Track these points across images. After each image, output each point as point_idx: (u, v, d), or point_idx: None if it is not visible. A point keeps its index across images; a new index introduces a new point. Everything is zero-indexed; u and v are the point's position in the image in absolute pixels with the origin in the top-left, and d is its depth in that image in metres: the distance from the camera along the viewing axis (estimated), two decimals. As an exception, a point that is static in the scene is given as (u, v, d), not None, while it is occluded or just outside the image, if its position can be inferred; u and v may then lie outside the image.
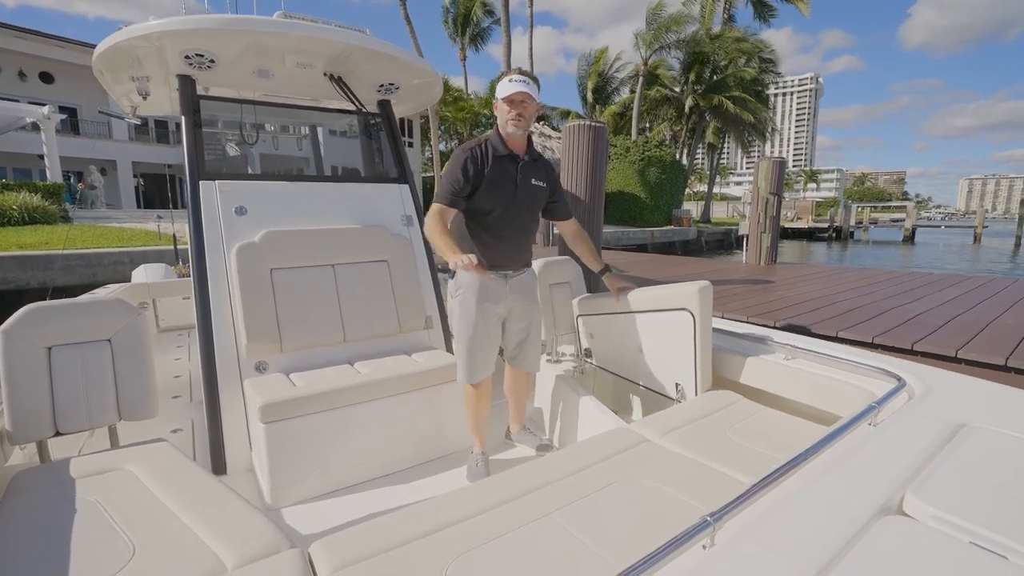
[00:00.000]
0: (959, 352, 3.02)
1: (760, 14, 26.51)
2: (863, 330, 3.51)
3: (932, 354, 3.10)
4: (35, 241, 8.44)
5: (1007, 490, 1.02)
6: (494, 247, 2.09)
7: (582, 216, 4.37)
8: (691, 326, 2.08)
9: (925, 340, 3.23)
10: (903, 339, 3.27)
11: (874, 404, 1.40)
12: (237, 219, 2.41)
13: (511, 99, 1.96)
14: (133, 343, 1.80)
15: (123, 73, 2.62)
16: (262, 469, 2.04)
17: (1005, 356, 2.89)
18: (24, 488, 1.39)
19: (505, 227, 2.09)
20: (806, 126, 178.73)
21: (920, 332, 3.46)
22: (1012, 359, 2.86)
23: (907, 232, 32.40)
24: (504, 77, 2.00)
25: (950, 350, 3.05)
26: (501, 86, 1.98)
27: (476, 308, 2.09)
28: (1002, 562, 0.83)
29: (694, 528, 0.90)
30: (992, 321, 3.81)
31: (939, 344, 3.14)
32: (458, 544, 1.12)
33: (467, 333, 2.11)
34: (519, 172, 2.07)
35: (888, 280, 6.17)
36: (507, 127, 2.01)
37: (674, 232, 21.67)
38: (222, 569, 1.08)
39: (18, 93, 19.45)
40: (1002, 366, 2.86)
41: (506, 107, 1.98)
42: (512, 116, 1.97)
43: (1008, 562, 0.83)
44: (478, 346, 2.12)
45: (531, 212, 2.17)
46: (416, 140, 29.19)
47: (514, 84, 1.95)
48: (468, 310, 2.09)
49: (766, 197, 7.40)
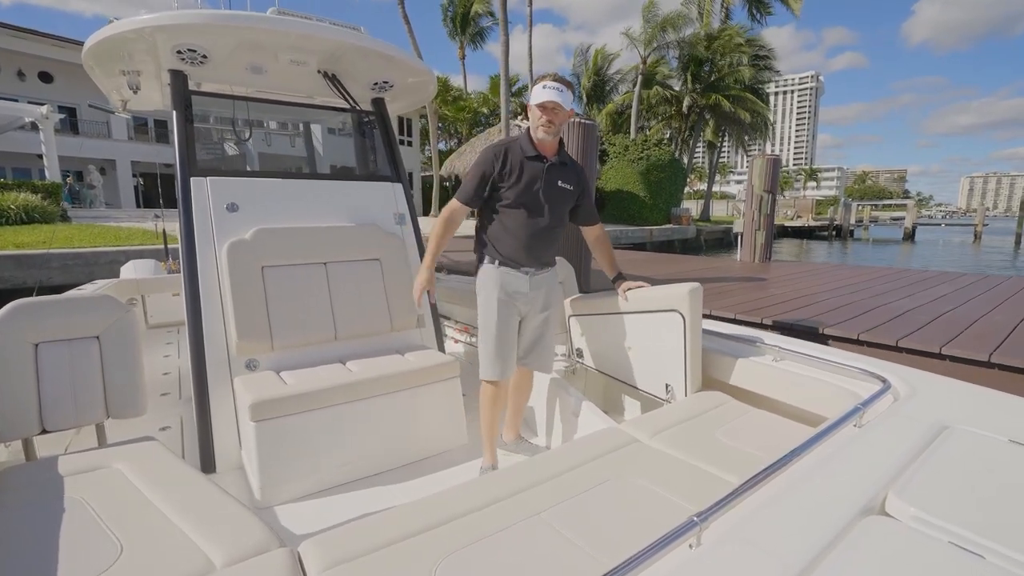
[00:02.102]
0: (943, 348, 3.03)
1: (755, 13, 26.44)
2: (849, 327, 3.52)
3: (916, 350, 3.12)
4: (33, 240, 8.47)
5: (986, 491, 1.04)
6: (516, 244, 2.12)
7: None
8: (681, 327, 2.10)
9: (910, 337, 3.25)
10: (888, 336, 3.28)
11: (859, 406, 1.43)
12: (228, 216, 2.39)
13: (543, 105, 2.01)
14: (122, 340, 1.79)
15: (113, 67, 2.60)
16: (252, 467, 2.03)
17: (989, 352, 2.90)
18: (10, 486, 1.37)
19: (528, 226, 2.12)
20: (807, 124, 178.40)
21: (906, 328, 3.47)
22: (996, 355, 2.87)
23: (907, 230, 32.42)
24: (539, 82, 2.04)
25: (934, 346, 3.06)
26: (535, 91, 2.03)
27: (498, 303, 2.11)
28: (979, 561, 0.85)
29: (681, 527, 0.92)
30: (980, 318, 3.82)
31: (924, 340, 3.15)
32: (448, 543, 1.13)
33: (492, 329, 2.11)
34: (545, 173, 2.11)
35: (880, 277, 6.18)
36: (537, 132, 2.06)
37: (673, 231, 21.66)
38: (211, 568, 1.08)
39: (17, 93, 19.49)
40: (985, 362, 2.88)
41: (538, 112, 2.03)
42: (543, 122, 2.02)
43: (985, 561, 0.85)
44: (504, 341, 2.13)
45: (555, 213, 2.17)
46: (415, 139, 29.16)
47: (547, 91, 1.99)
48: (491, 305, 2.11)
49: (760, 195, 7.41)
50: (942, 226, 45.45)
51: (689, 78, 26.14)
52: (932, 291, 5.13)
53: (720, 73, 26.08)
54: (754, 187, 7.47)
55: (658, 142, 23.54)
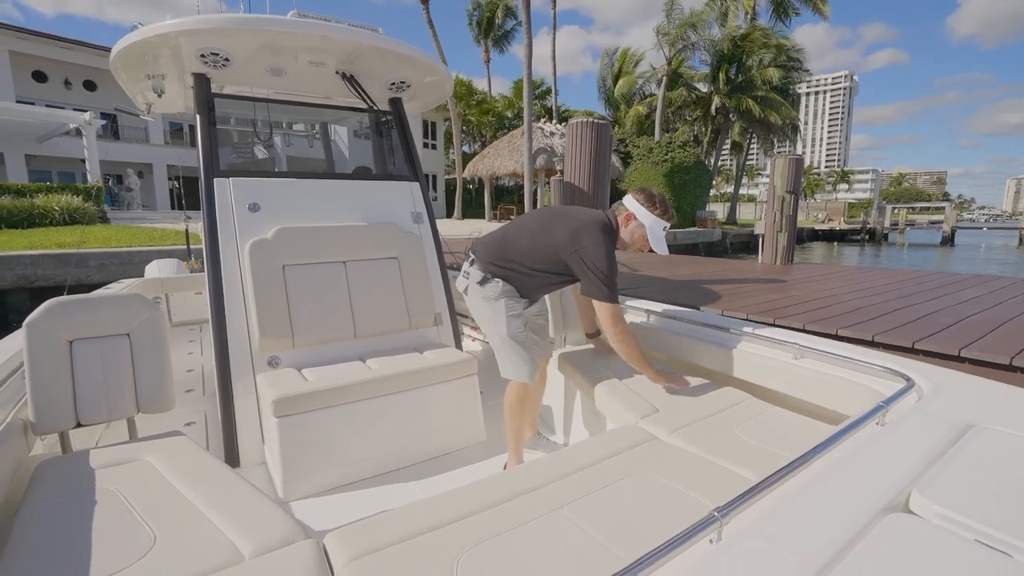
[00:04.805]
0: (962, 351, 2.92)
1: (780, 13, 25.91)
2: (865, 328, 3.42)
3: (933, 352, 3.01)
4: (73, 240, 8.91)
5: (1014, 489, 1.02)
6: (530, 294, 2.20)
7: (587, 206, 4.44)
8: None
9: (928, 339, 3.14)
10: (905, 337, 3.18)
11: (882, 403, 1.40)
12: (250, 216, 2.43)
13: (645, 241, 2.05)
14: (151, 337, 1.83)
15: (139, 71, 2.68)
16: (274, 462, 2.07)
17: (1011, 356, 2.79)
18: (47, 478, 1.42)
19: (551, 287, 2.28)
20: (839, 126, 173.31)
21: (926, 331, 3.36)
22: (1018, 359, 2.76)
23: (946, 234, 31.13)
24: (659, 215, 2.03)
25: (953, 349, 2.95)
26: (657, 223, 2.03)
27: (520, 309, 2.13)
28: (1006, 559, 0.83)
29: (701, 523, 0.91)
30: (1008, 320, 3.67)
31: (942, 343, 3.05)
32: (469, 536, 1.15)
33: (520, 334, 2.12)
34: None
35: (908, 280, 5.97)
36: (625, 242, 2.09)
37: (698, 234, 21.35)
38: (239, 558, 1.11)
39: (65, 100, 20.52)
40: (1006, 365, 2.76)
41: (642, 240, 2.06)
42: (638, 248, 2.09)
43: (1012, 560, 0.83)
44: (530, 344, 2.16)
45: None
46: (440, 142, 29.47)
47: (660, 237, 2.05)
48: (513, 312, 2.11)
49: (782, 196, 7.26)
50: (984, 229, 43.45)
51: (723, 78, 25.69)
52: (961, 294, 4.93)
53: (747, 75, 25.64)
54: (775, 188, 7.32)
55: (683, 144, 23.26)
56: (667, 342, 2.56)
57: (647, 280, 6.23)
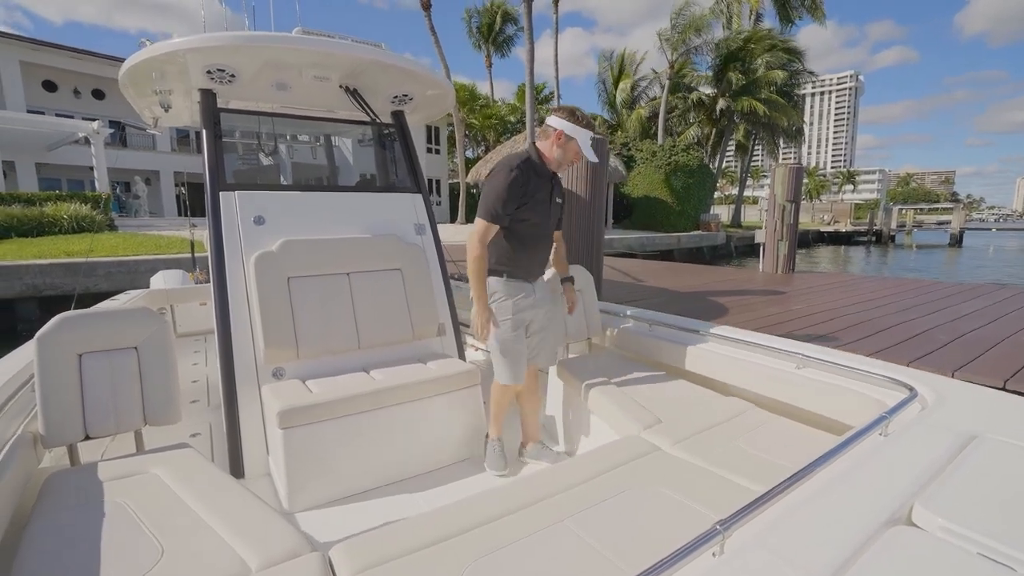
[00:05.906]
0: (955, 373, 2.93)
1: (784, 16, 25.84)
2: (860, 347, 3.44)
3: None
4: (81, 249, 9.00)
5: (1019, 501, 1.01)
6: (526, 259, 2.26)
7: (583, 213, 4.51)
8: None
9: (922, 359, 3.15)
10: (900, 357, 3.19)
11: (885, 414, 1.40)
12: (255, 228, 2.45)
13: (577, 153, 2.18)
14: (159, 351, 1.85)
15: (147, 87, 2.71)
16: (279, 474, 2.08)
17: (1004, 378, 2.80)
18: (56, 490, 1.44)
19: (538, 240, 2.29)
20: (845, 126, 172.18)
21: (921, 349, 3.37)
22: (1012, 381, 2.77)
23: (954, 235, 30.86)
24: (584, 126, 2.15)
25: (946, 371, 2.96)
26: (581, 133, 2.14)
27: (512, 312, 2.22)
28: (1010, 573, 0.83)
29: (704, 536, 0.91)
30: (1008, 337, 3.67)
31: (936, 364, 3.06)
32: (474, 549, 1.17)
33: (509, 337, 2.22)
34: (553, 189, 2.30)
35: (907, 291, 5.96)
36: (559, 161, 2.20)
37: (702, 237, 21.27)
38: (246, 571, 1.12)
39: (74, 109, 20.75)
40: (999, 388, 2.77)
41: (573, 151, 2.18)
42: (568, 160, 2.21)
43: (1016, 573, 0.83)
44: (519, 348, 2.25)
45: (554, 225, 2.40)
46: (443, 147, 29.57)
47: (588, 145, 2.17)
48: (505, 314, 2.22)
49: (783, 204, 7.26)
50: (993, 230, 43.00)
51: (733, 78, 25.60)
52: (962, 306, 4.92)
53: (751, 77, 25.58)
54: (776, 196, 7.33)
55: (686, 147, 23.21)
56: (670, 352, 2.58)
57: (648, 291, 6.26)
